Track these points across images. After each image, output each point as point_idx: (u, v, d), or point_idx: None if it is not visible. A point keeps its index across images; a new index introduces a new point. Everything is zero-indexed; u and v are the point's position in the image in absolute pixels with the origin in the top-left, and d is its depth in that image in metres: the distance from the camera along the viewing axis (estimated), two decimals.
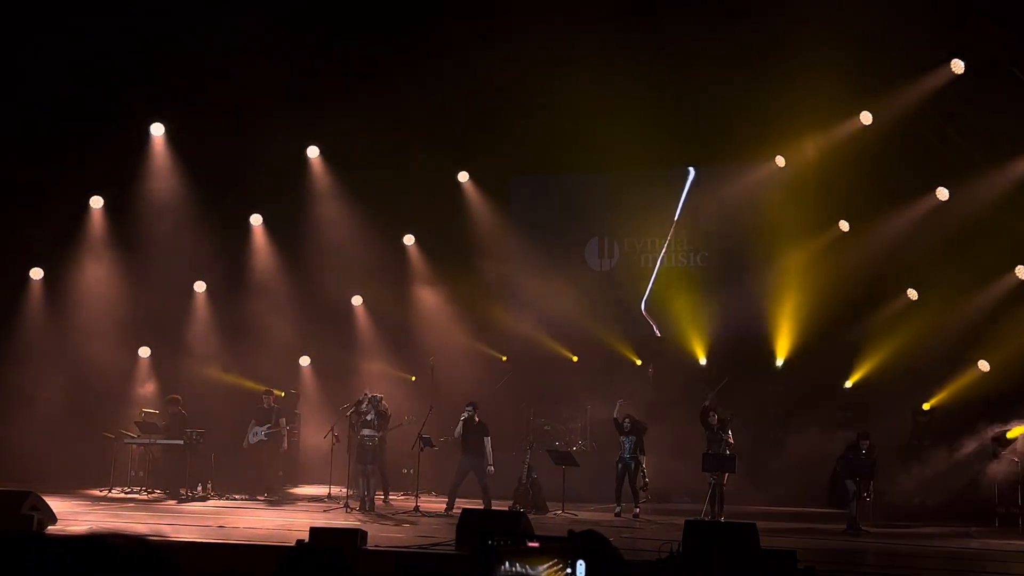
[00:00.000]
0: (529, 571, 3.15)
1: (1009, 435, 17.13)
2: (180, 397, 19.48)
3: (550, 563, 3.19)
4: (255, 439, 18.70)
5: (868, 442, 15.77)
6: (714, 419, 16.15)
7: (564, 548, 3.23)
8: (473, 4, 18.99)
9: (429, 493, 18.30)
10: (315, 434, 19.78)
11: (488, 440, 16.98)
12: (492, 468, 16.91)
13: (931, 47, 17.91)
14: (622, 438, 17.00)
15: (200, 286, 21.78)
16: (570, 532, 3.28)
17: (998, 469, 16.87)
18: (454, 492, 16.94)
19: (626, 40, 18.94)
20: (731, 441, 16.12)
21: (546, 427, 20.70)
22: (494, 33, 19.01)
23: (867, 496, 15.67)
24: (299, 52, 19.35)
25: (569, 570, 3.19)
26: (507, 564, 3.13)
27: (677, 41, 18.75)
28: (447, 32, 19.38)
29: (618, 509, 16.76)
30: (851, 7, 17.65)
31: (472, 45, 19.23)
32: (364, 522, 14.66)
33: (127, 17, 18.22)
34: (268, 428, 18.57)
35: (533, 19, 18.38)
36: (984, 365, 18.47)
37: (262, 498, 18.26)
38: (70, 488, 17.86)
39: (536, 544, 3.21)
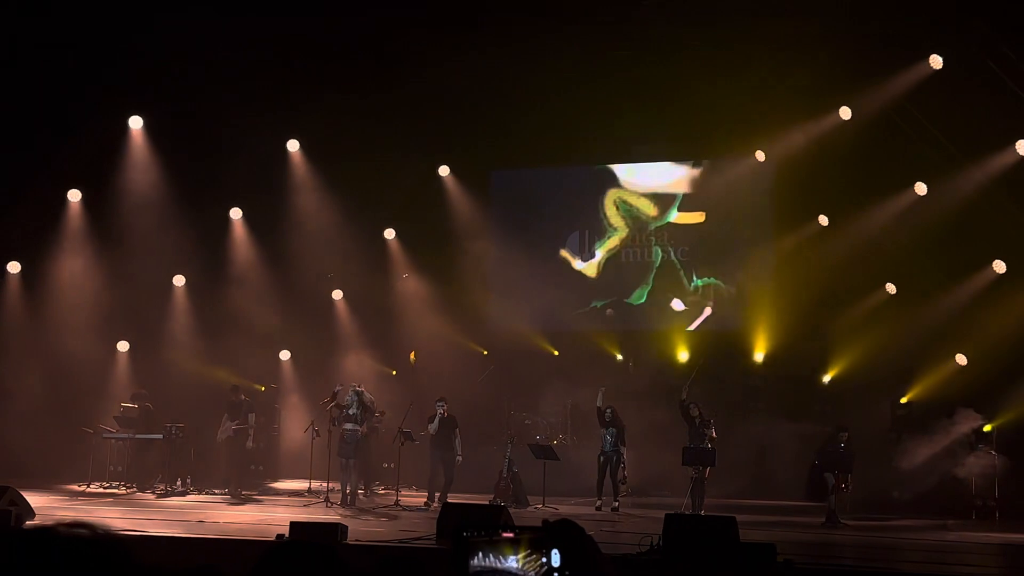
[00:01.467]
0: (503, 562, 3.16)
1: (986, 428, 17.29)
2: (146, 391, 19.43)
3: (524, 553, 3.20)
4: (223, 435, 18.51)
5: (847, 434, 15.84)
6: (696, 412, 16.19)
7: (539, 538, 3.23)
8: None
9: (410, 487, 18.29)
10: (295, 429, 19.74)
11: (457, 431, 17.14)
12: (460, 458, 17.10)
13: (910, 42, 17.98)
14: (603, 431, 17.03)
15: (179, 280, 21.68)
16: (545, 521, 3.29)
17: (975, 462, 16.97)
18: (433, 485, 16.98)
19: (609, 34, 18.94)
20: (714, 436, 16.15)
21: (527, 421, 20.73)
22: (478, 26, 19.00)
23: (846, 488, 15.75)
24: (278, 45, 19.25)
25: (544, 559, 3.20)
26: (481, 555, 3.13)
27: (660, 35, 18.76)
28: (429, 25, 19.34)
29: (599, 503, 16.80)
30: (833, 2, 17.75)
31: (454, 38, 19.19)
32: (345, 516, 14.67)
33: (105, 9, 18.11)
34: (236, 424, 18.41)
35: (515, 13, 18.38)
36: (961, 359, 18.58)
37: (227, 494, 18.06)
38: (48, 483, 17.79)
39: (510, 534, 3.21)
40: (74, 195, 20.89)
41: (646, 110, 20.09)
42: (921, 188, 18.87)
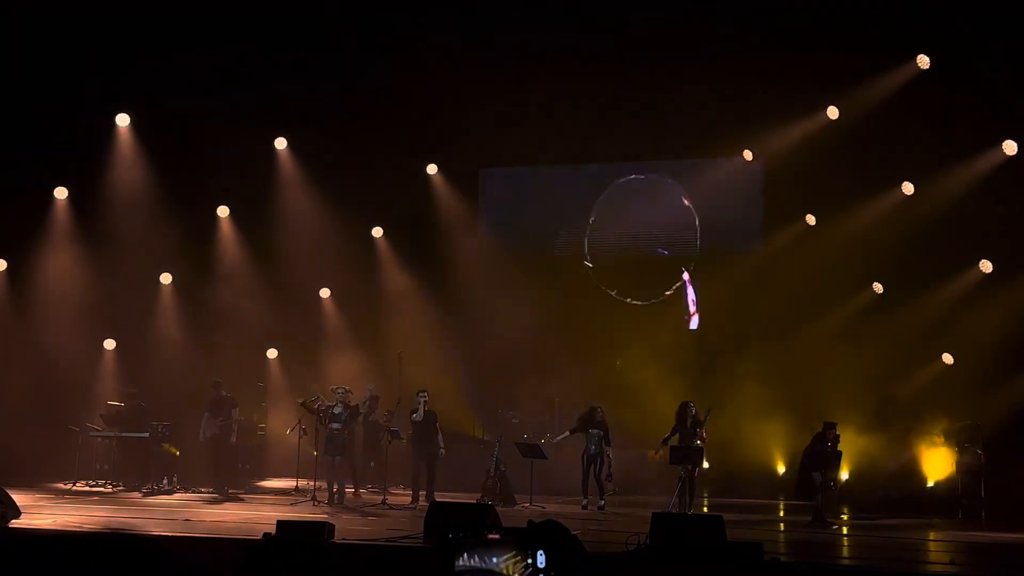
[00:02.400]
0: (488, 562, 3.15)
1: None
2: (136, 391, 19.40)
3: (510, 554, 3.19)
4: (209, 432, 18.49)
5: (834, 432, 15.85)
6: (691, 413, 16.21)
7: (524, 539, 3.22)
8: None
9: (397, 486, 18.26)
10: (282, 427, 19.71)
11: (438, 426, 17.02)
12: (443, 451, 16.98)
13: (898, 42, 18.02)
14: (591, 431, 17.01)
15: (166, 278, 21.62)
16: (530, 522, 3.28)
17: (961, 461, 17.02)
18: (416, 483, 16.89)
19: (597, 33, 18.95)
20: (704, 436, 16.15)
21: (514, 420, 20.71)
22: (467, 28, 19.02)
23: (833, 486, 15.79)
24: (266, 43, 19.21)
25: (529, 560, 3.19)
26: (466, 555, 3.12)
27: (648, 35, 18.78)
28: (419, 26, 19.34)
29: (585, 502, 16.81)
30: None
31: (442, 37, 19.19)
32: (331, 515, 14.64)
33: (92, 6, 18.04)
34: (219, 421, 18.42)
35: (502, 15, 18.41)
36: (948, 358, 18.62)
37: (213, 492, 18.10)
38: (34, 481, 17.72)
39: (496, 536, 3.21)
40: (61, 192, 20.80)
41: (635, 109, 20.09)
42: (908, 187, 18.91)
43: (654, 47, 18.73)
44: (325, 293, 22.51)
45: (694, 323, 21.46)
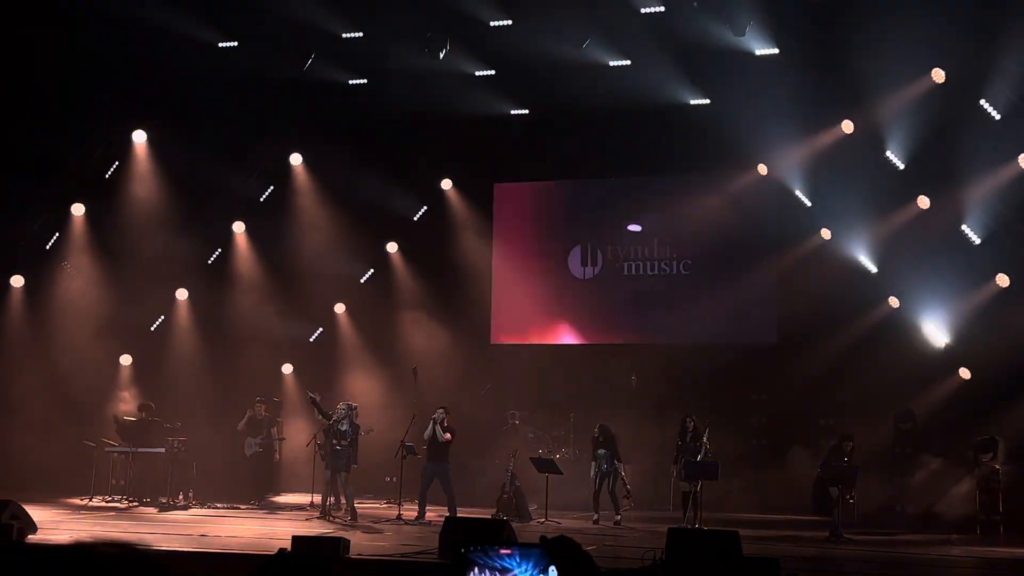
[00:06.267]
0: None
1: None
2: (152, 404, 19.49)
3: (522, 569, 3.18)
4: (249, 451, 18.72)
5: (851, 444, 15.74)
6: (690, 426, 16.20)
7: (536, 554, 3.22)
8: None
9: (412, 502, 18.22)
10: (298, 442, 19.73)
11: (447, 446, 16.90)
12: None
13: (913, 57, 17.99)
14: (598, 451, 17.00)
15: (182, 294, 21.69)
16: (542, 538, 3.27)
17: (979, 476, 16.91)
18: (423, 499, 16.81)
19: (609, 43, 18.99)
20: (708, 445, 16.09)
21: (529, 435, 20.67)
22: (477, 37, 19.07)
23: (850, 499, 15.71)
24: (282, 57, 19.30)
25: (542, 575, 3.18)
26: (477, 571, 3.12)
27: (658, 45, 18.80)
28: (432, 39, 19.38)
29: (596, 517, 16.77)
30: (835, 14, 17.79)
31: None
32: (347, 531, 14.63)
33: (109, 23, 18.15)
34: (261, 439, 18.67)
35: (513, 26, 18.46)
36: (965, 373, 18.53)
37: (249, 506, 18.26)
38: (50, 497, 17.76)
39: (508, 551, 3.20)
40: (78, 209, 20.91)
41: (648, 121, 20.09)
42: (924, 201, 18.84)
43: (665, 61, 18.73)
44: (340, 308, 22.54)
45: None
